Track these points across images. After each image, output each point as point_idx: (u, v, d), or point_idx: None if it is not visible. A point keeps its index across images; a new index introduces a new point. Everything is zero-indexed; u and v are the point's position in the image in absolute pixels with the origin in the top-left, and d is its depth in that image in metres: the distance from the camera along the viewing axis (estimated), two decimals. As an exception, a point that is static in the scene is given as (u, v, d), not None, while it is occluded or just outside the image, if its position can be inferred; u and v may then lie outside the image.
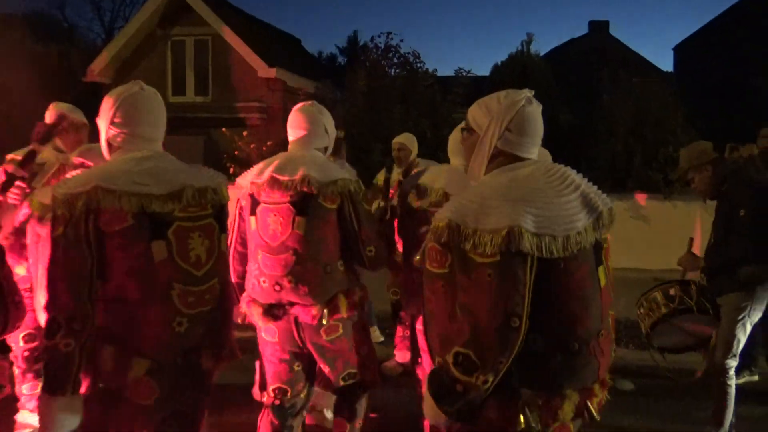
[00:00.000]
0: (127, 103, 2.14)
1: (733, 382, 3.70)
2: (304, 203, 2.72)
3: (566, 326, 1.75)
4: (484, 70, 13.81)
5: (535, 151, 1.91)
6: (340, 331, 2.85)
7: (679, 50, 26.08)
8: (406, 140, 5.45)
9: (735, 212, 3.55)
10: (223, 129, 12.69)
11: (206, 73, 15.35)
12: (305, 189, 2.71)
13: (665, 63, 49.82)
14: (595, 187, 1.88)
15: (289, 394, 2.92)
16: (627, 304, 3.85)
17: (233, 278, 2.86)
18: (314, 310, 2.76)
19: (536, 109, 1.90)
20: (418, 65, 11.95)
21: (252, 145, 11.21)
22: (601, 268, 1.83)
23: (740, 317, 3.61)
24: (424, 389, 1.83)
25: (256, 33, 16.65)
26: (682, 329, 3.71)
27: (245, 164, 7.88)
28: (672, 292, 3.65)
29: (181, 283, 2.06)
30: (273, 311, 2.78)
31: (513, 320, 1.65)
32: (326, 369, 2.93)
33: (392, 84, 11.35)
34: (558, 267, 1.70)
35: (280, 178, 2.72)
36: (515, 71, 9.71)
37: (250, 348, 2.92)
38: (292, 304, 2.77)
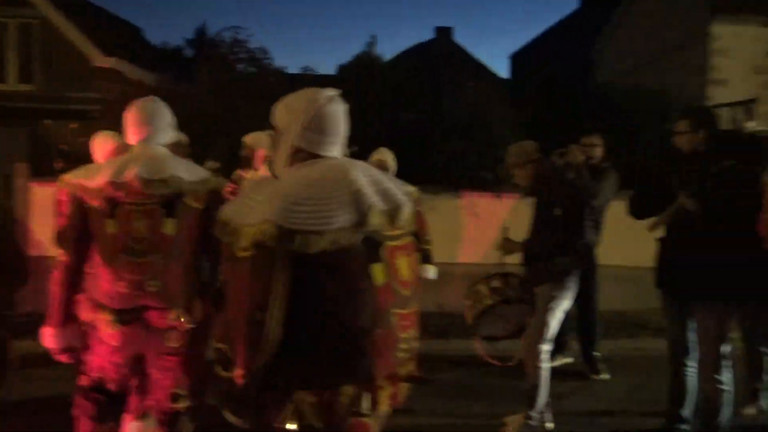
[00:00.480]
0: None
1: (546, 365, 4.02)
2: (172, 204, 2.69)
3: (334, 323, 1.75)
4: (331, 70, 13.99)
5: (335, 149, 1.94)
6: (185, 341, 2.79)
7: (515, 58, 28.04)
8: (252, 140, 5.24)
9: (550, 210, 3.87)
10: (47, 121, 11.68)
11: (31, 59, 14.04)
12: (174, 189, 2.68)
13: (504, 70, 53.23)
14: (391, 185, 1.92)
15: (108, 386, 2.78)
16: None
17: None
18: (172, 315, 2.71)
19: (338, 109, 1.94)
20: (267, 61, 11.82)
21: (82, 139, 10.42)
22: (377, 266, 1.83)
23: (552, 305, 3.95)
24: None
25: (90, 19, 15.53)
26: (505, 318, 4.04)
27: (76, 160, 7.33)
28: (495, 284, 3.97)
29: None
30: (124, 316, 2.66)
31: (257, 314, 1.67)
32: (157, 378, 2.82)
33: (240, 79, 11.13)
34: (319, 262, 1.71)
35: (148, 177, 2.64)
36: (360, 72, 9.93)
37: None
38: (147, 308, 2.68)
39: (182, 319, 2.73)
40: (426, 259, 4.98)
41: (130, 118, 2.81)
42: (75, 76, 13.58)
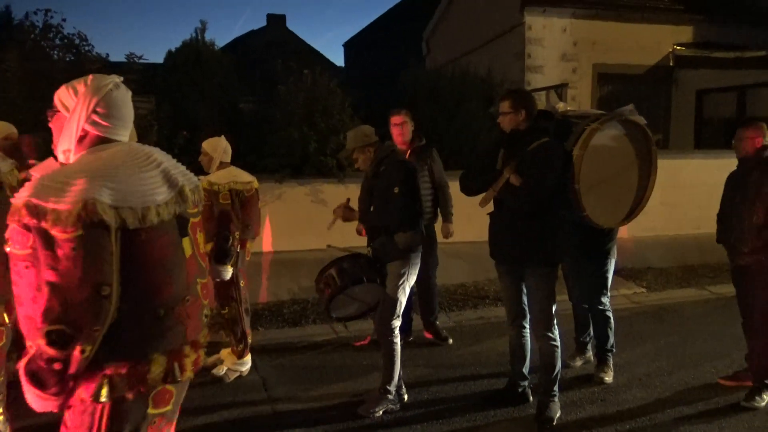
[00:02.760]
0: None
1: (398, 340, 4.21)
2: None
3: (150, 293, 1.89)
4: (157, 58, 13.31)
5: (125, 133, 2.04)
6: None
7: (348, 46, 28.47)
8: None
9: (390, 189, 4.04)
10: None
11: None
12: None
13: (339, 59, 53.66)
14: (183, 168, 2.10)
15: None
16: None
17: None
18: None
19: (125, 94, 2.04)
20: (86, 48, 10.93)
21: None
22: (186, 240, 2.03)
23: (401, 282, 4.13)
24: (23, 382, 1.81)
25: None
26: (356, 299, 4.17)
27: None
28: (345, 265, 4.08)
29: None
30: None
31: (104, 289, 1.74)
32: None
33: (54, 68, 10.18)
34: (139, 237, 1.84)
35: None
36: (190, 58, 9.53)
37: None
38: None
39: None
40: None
41: None
42: None
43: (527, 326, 4.28)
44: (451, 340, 5.72)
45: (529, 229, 3.94)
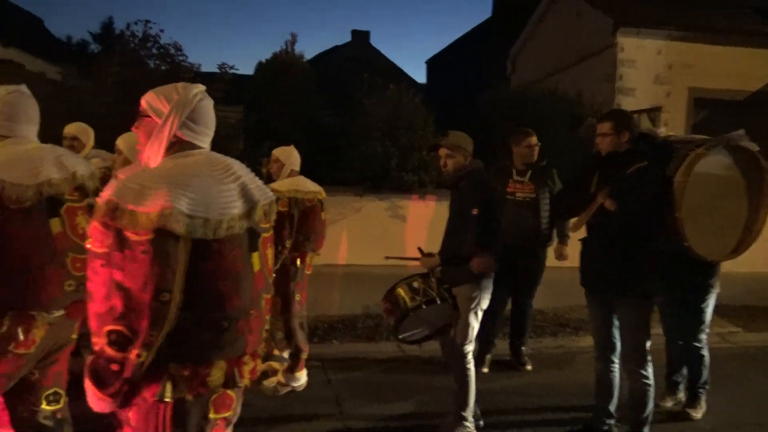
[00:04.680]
0: None
1: (472, 365, 4.04)
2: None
3: (216, 305, 1.91)
4: (247, 69, 13.71)
5: (207, 141, 2.09)
6: None
7: (431, 63, 28.53)
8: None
9: (468, 209, 3.85)
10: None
11: None
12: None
13: (420, 75, 54.01)
14: (259, 182, 2.09)
15: None
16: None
17: None
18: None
19: (210, 104, 2.09)
20: (180, 58, 11.38)
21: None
22: (255, 254, 2.04)
23: (472, 306, 3.95)
24: (85, 380, 1.85)
25: (-16, 7, 14.47)
26: (425, 320, 4.01)
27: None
28: (416, 284, 3.91)
29: None
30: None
31: (164, 295, 1.76)
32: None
33: (150, 75, 10.64)
34: (211, 248, 1.86)
35: (85, 173, 2.66)
36: (279, 70, 9.74)
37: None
38: (79, 301, 2.60)
39: None
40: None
41: (17, 107, 2.66)
42: (-32, 68, 12.59)
43: (616, 360, 4.02)
44: (529, 366, 5.51)
45: (624, 257, 3.71)
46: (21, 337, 2.45)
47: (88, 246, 1.87)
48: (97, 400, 1.84)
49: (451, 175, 4.08)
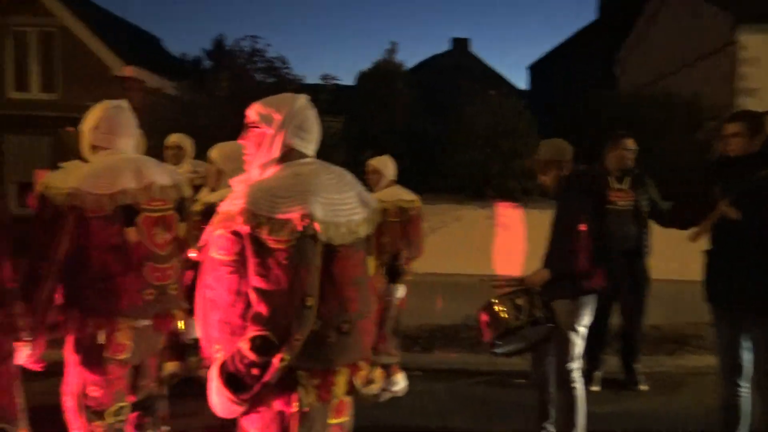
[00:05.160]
0: None
1: (579, 384, 3.79)
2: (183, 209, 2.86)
3: (340, 308, 1.93)
4: (347, 79, 13.97)
5: (313, 149, 2.11)
6: None
7: (534, 69, 27.90)
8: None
9: (574, 223, 3.61)
10: (69, 128, 11.68)
11: (53, 68, 14.11)
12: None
13: (521, 81, 52.98)
14: (364, 188, 2.13)
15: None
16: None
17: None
18: (179, 316, 2.83)
19: (315, 113, 2.11)
20: (285, 71, 11.78)
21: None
22: (370, 259, 2.10)
23: (575, 322, 3.72)
24: (213, 384, 1.86)
25: (110, 28, 15.60)
26: (523, 336, 3.83)
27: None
28: (519, 302, 3.72)
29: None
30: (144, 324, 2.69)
31: (308, 299, 1.81)
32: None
33: (258, 89, 11.07)
34: (338, 253, 1.92)
35: (165, 183, 2.74)
36: (379, 79, 9.84)
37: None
38: (164, 313, 2.75)
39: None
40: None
41: (117, 120, 2.76)
42: (96, 85, 13.60)
43: (744, 384, 3.67)
44: (644, 386, 5.20)
45: (758, 271, 3.38)
46: (102, 339, 2.56)
47: (210, 254, 1.88)
48: (227, 405, 1.84)
49: (552, 189, 3.90)
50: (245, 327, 1.79)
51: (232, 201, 1.89)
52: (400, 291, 4.50)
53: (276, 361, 1.78)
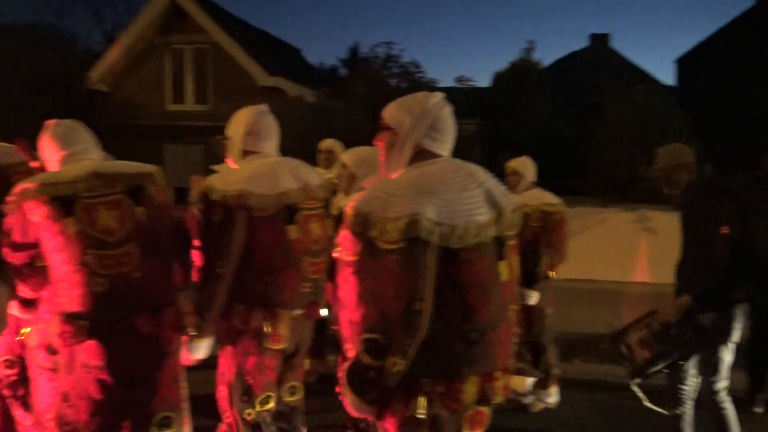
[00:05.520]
0: None
1: (727, 404, 3.42)
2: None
3: (465, 316, 1.86)
4: (482, 81, 13.81)
5: (447, 149, 2.05)
6: None
7: (682, 63, 26.06)
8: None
9: (712, 228, 3.23)
10: (219, 136, 12.53)
11: (206, 81, 15.25)
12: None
13: (666, 76, 49.77)
14: (503, 188, 2.04)
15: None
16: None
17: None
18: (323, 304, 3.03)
19: (449, 112, 2.07)
20: (419, 75, 11.91)
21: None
22: (502, 263, 1.96)
23: (722, 338, 3.38)
24: (343, 384, 1.88)
25: (255, 41, 16.58)
26: (665, 356, 3.50)
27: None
28: (673, 331, 3.37)
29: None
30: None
31: (416, 303, 1.75)
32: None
33: (393, 94, 11.28)
34: (458, 256, 1.83)
35: (317, 183, 2.92)
36: (516, 79, 9.61)
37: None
38: (313, 302, 2.93)
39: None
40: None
41: (264, 124, 2.91)
42: (243, 95, 14.49)
43: None
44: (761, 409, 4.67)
45: None
46: (268, 330, 2.73)
47: (340, 254, 1.92)
48: (357, 404, 1.88)
49: (680, 197, 3.52)
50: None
51: (355, 202, 1.92)
52: (534, 298, 4.34)
53: (388, 365, 1.76)
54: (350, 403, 1.89)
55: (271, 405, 2.89)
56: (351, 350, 1.88)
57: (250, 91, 14.46)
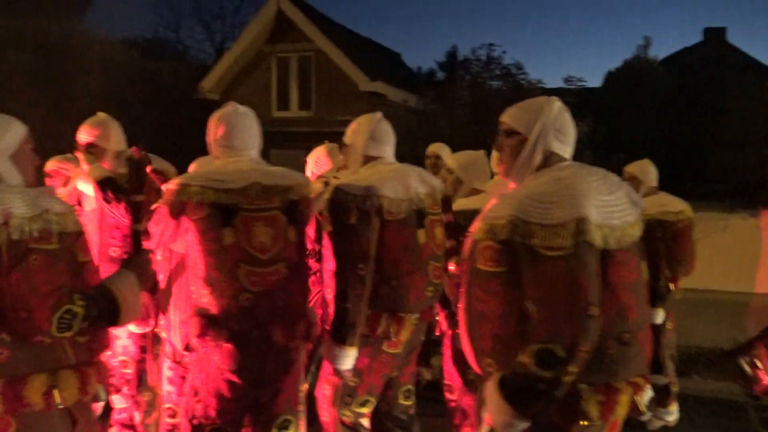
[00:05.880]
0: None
1: None
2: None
3: (620, 316, 1.81)
4: (592, 81, 13.26)
5: (571, 152, 2.02)
6: None
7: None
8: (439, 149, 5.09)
9: None
10: (325, 141, 12.83)
11: (309, 87, 15.68)
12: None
13: (790, 70, 45.83)
14: (630, 187, 1.99)
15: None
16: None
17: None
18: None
19: (569, 115, 2.02)
20: (521, 77, 11.64)
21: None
22: (643, 263, 1.94)
23: None
24: (491, 400, 1.81)
25: (357, 48, 16.85)
26: None
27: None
28: None
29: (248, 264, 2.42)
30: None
31: (591, 309, 1.70)
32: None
33: (495, 97, 11.10)
34: (614, 258, 1.79)
35: (440, 188, 2.95)
36: (630, 79, 9.15)
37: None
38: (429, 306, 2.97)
39: None
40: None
41: (383, 132, 2.92)
42: (345, 101, 14.78)
43: None
44: None
45: None
46: (393, 337, 2.72)
47: (478, 266, 1.87)
48: (508, 421, 1.78)
49: None
50: (520, 340, 1.74)
51: (496, 211, 1.87)
52: (660, 316, 4.05)
53: (563, 376, 1.71)
54: (500, 420, 1.79)
55: (368, 409, 2.87)
56: (492, 365, 1.83)
57: (352, 97, 14.72)
